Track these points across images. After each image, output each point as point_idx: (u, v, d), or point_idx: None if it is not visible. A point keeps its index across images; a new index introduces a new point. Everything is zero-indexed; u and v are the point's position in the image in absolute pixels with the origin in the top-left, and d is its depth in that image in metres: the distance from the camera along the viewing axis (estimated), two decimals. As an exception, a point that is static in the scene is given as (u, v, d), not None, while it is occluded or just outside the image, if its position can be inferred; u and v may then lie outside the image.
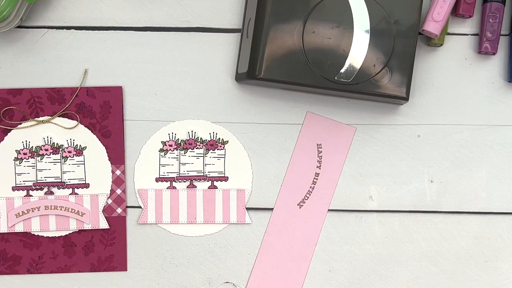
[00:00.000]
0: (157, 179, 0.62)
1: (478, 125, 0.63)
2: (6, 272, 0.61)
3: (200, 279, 0.63)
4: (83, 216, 0.61)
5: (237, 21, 0.62)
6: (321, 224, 0.62)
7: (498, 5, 0.61)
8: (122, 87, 0.61)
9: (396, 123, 0.63)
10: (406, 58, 0.58)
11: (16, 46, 0.61)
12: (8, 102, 0.61)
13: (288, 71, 0.57)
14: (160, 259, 0.62)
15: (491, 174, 0.63)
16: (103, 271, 0.62)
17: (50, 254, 0.62)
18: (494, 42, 0.61)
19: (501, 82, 0.63)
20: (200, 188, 0.62)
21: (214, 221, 0.62)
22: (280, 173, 0.62)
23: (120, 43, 0.61)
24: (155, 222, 0.62)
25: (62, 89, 0.61)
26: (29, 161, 0.61)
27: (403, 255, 0.63)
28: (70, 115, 0.61)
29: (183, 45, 0.62)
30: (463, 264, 0.63)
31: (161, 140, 0.62)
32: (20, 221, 0.61)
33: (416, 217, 0.63)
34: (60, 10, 0.61)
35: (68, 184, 0.61)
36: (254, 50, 0.57)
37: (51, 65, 0.61)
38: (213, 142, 0.62)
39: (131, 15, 0.62)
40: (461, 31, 0.63)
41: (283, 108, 0.62)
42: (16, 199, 0.61)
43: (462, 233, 0.63)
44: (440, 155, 0.63)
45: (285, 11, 0.57)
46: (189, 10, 0.62)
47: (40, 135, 0.61)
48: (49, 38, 0.61)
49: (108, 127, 0.61)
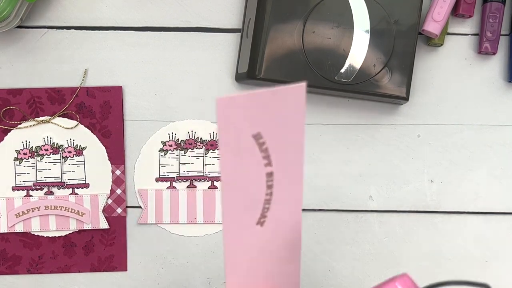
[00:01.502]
0: (157, 179, 0.62)
1: (478, 125, 0.63)
2: (6, 272, 0.61)
3: (200, 279, 0.63)
4: (83, 216, 0.61)
5: (237, 21, 0.62)
6: (299, 232, 0.44)
7: (498, 5, 0.61)
8: (122, 87, 0.61)
9: (396, 123, 0.63)
10: (406, 58, 0.58)
11: (16, 46, 0.61)
12: (8, 102, 0.61)
13: (288, 71, 0.57)
14: (160, 259, 0.62)
15: (491, 174, 0.63)
16: (103, 271, 0.62)
17: (50, 254, 0.62)
18: (494, 42, 0.61)
19: (501, 82, 0.63)
20: (200, 188, 0.62)
21: (214, 221, 0.62)
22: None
23: (120, 43, 0.61)
24: (155, 222, 0.62)
25: (62, 89, 0.61)
26: (29, 161, 0.61)
27: (403, 255, 0.63)
28: (70, 115, 0.61)
29: (183, 45, 0.62)
30: (463, 264, 0.63)
31: (161, 140, 0.62)
32: (20, 221, 0.61)
33: (416, 217, 0.63)
34: (60, 10, 0.61)
35: (68, 184, 0.61)
36: (254, 50, 0.57)
37: (51, 65, 0.61)
38: (213, 142, 0.62)
39: (131, 15, 0.62)
40: (461, 31, 0.63)
41: (283, 108, 0.62)
42: (16, 199, 0.61)
43: (462, 233, 0.63)
44: (440, 155, 0.63)
45: (285, 11, 0.57)
46: (189, 10, 0.62)
47: (40, 135, 0.61)
48: (49, 38, 0.61)
49: (108, 127, 0.61)
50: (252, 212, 0.41)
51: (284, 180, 0.40)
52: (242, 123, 0.38)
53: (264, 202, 0.41)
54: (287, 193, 0.42)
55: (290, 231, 0.43)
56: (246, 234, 0.42)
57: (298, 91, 0.38)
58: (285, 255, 0.44)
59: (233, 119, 0.38)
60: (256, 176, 0.40)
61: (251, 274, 0.44)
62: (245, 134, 0.38)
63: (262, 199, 0.40)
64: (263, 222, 0.41)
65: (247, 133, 0.38)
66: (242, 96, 0.37)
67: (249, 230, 0.41)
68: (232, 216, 0.40)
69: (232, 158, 0.38)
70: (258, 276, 0.44)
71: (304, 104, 0.39)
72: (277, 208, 0.41)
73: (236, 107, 0.37)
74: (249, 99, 0.37)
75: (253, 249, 0.42)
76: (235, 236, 0.41)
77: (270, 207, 0.41)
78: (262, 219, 0.41)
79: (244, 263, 0.43)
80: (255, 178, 0.40)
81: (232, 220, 0.40)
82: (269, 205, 0.41)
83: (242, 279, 0.44)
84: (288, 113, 0.39)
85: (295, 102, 0.39)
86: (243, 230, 0.41)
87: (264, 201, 0.41)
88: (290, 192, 0.42)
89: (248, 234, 0.42)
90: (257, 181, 0.40)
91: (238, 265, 0.43)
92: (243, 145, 0.38)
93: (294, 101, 0.39)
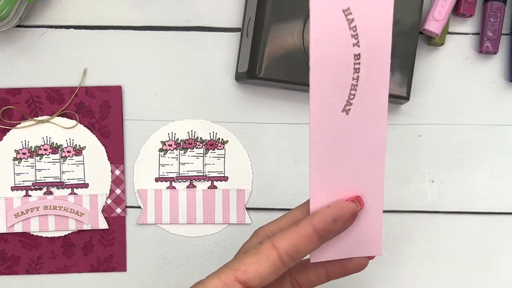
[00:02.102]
0: (156, 179, 0.62)
1: (479, 124, 0.63)
2: (5, 272, 0.61)
3: (200, 279, 0.63)
4: (82, 216, 0.61)
5: (237, 20, 0.62)
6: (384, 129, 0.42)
7: (499, 4, 0.61)
8: (121, 86, 0.61)
9: (397, 123, 0.63)
10: (407, 57, 0.58)
11: (15, 45, 0.61)
12: (7, 101, 0.60)
13: (289, 70, 0.57)
14: (159, 259, 0.62)
15: (492, 174, 0.63)
16: (102, 271, 0.62)
17: (49, 254, 0.61)
18: (495, 41, 0.61)
19: (502, 81, 0.63)
20: (200, 188, 0.62)
21: (214, 221, 0.62)
22: (280, 173, 0.62)
23: (120, 42, 0.61)
24: (154, 222, 0.62)
25: (61, 89, 0.61)
26: (28, 161, 0.61)
27: (404, 255, 0.63)
28: (69, 114, 0.61)
29: (182, 45, 0.62)
30: (464, 264, 0.63)
31: (161, 140, 0.62)
32: (19, 221, 0.61)
33: (417, 217, 0.63)
34: (59, 9, 0.61)
35: (67, 184, 0.61)
36: (254, 50, 0.57)
37: (50, 64, 0.61)
38: (213, 142, 0.62)
39: (130, 14, 0.61)
40: (462, 30, 0.63)
41: (283, 108, 0.62)
42: (15, 199, 0.61)
43: (463, 233, 0.63)
44: (441, 155, 0.63)
45: (285, 10, 0.56)
46: (189, 9, 0.62)
47: (39, 135, 0.61)
48: (48, 38, 0.61)
49: (108, 126, 0.61)
50: (339, 96, 0.40)
51: (371, 64, 0.40)
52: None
53: (351, 87, 0.40)
54: (373, 80, 0.41)
55: (375, 125, 0.42)
56: (331, 122, 0.41)
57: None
58: (369, 152, 0.43)
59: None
60: (344, 55, 0.40)
61: (336, 171, 0.43)
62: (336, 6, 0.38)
63: (349, 83, 0.40)
64: (348, 110, 0.41)
65: (338, 6, 0.38)
66: None
67: (335, 117, 0.41)
68: (319, 99, 0.40)
69: (321, 31, 0.39)
70: (342, 173, 0.43)
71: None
72: (363, 96, 0.41)
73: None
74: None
75: (338, 140, 0.42)
76: (321, 122, 0.41)
77: (356, 93, 0.40)
78: (348, 106, 0.41)
79: (329, 157, 0.42)
80: (343, 57, 0.40)
81: (319, 103, 0.40)
82: (355, 91, 0.40)
83: (326, 175, 0.43)
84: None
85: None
86: (329, 116, 0.41)
87: (350, 86, 0.40)
88: (376, 80, 0.41)
89: (333, 121, 0.41)
90: (345, 61, 0.40)
91: (323, 158, 0.42)
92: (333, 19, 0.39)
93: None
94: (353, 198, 0.44)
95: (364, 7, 0.39)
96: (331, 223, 0.42)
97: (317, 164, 0.42)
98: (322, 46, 0.39)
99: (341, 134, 0.42)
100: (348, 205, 0.43)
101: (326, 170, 0.43)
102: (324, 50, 0.39)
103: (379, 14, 0.39)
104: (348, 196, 0.44)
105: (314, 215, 0.43)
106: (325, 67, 0.39)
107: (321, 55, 0.39)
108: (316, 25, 0.38)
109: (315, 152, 0.42)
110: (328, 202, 0.44)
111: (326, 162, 0.43)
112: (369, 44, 0.40)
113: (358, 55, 0.40)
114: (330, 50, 0.39)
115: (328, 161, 0.43)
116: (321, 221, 0.42)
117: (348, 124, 0.41)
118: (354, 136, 0.42)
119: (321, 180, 0.43)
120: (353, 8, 0.38)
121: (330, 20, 0.38)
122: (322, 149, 0.42)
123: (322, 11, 0.38)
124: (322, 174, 0.43)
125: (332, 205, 0.43)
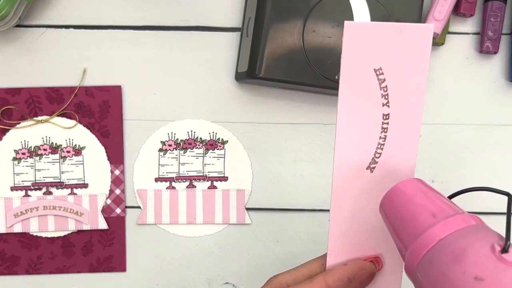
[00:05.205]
0: (156, 179, 0.62)
1: (479, 124, 0.63)
2: (4, 272, 0.61)
3: (200, 279, 0.62)
4: (82, 216, 0.61)
5: (237, 20, 0.62)
6: None
7: (500, 4, 0.61)
8: (121, 86, 0.61)
9: (397, 123, 0.63)
10: (407, 57, 0.58)
11: (15, 45, 0.61)
12: (6, 101, 0.60)
13: (288, 70, 0.57)
14: (159, 259, 0.62)
15: (492, 174, 0.63)
16: (102, 271, 0.62)
17: (49, 254, 0.61)
18: (495, 41, 0.61)
19: (503, 81, 0.63)
20: (199, 188, 0.62)
21: (214, 222, 0.62)
22: (280, 173, 0.62)
23: (119, 42, 0.61)
24: (154, 222, 0.62)
25: (61, 89, 0.61)
26: (28, 161, 0.61)
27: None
28: (69, 114, 0.61)
29: (182, 44, 0.61)
30: (464, 264, 0.63)
31: (161, 140, 0.62)
32: (18, 221, 0.61)
33: (417, 217, 0.63)
34: (59, 9, 0.61)
35: (67, 184, 0.61)
36: (254, 49, 0.57)
37: (49, 64, 0.61)
38: (213, 142, 0.62)
39: (130, 14, 0.61)
40: (462, 30, 0.63)
41: (283, 107, 0.62)
42: (14, 199, 0.60)
43: (463, 233, 0.63)
44: (441, 154, 0.63)
45: (285, 10, 0.56)
46: (189, 9, 0.62)
47: (39, 134, 0.61)
48: (48, 37, 0.61)
49: (107, 126, 0.61)
50: (364, 154, 0.40)
51: (400, 124, 0.40)
52: (366, 52, 0.38)
53: (377, 146, 0.40)
54: (402, 140, 0.40)
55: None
56: (355, 179, 0.40)
57: (426, 30, 0.38)
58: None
59: (359, 45, 0.38)
60: (372, 115, 0.39)
61: (355, 227, 0.42)
62: (368, 65, 0.38)
63: (376, 142, 0.40)
64: (373, 168, 0.40)
65: (370, 65, 0.38)
66: (369, 24, 0.39)
67: (358, 174, 0.40)
68: (344, 156, 0.40)
69: (351, 89, 0.39)
70: (362, 230, 0.42)
71: (430, 46, 0.38)
72: (390, 155, 0.40)
73: (363, 33, 0.38)
74: (376, 28, 0.38)
75: (359, 197, 0.41)
76: (344, 178, 0.40)
77: (382, 152, 0.40)
78: (373, 164, 0.40)
79: (349, 213, 0.41)
80: (371, 116, 0.39)
81: (344, 160, 0.40)
82: (382, 150, 0.40)
83: (346, 231, 0.42)
84: (412, 52, 0.38)
85: (421, 41, 0.38)
86: (353, 173, 0.40)
87: (377, 145, 0.40)
88: (404, 140, 0.40)
89: (357, 178, 0.40)
90: (373, 120, 0.39)
91: (343, 213, 0.41)
92: (364, 77, 0.38)
93: (420, 41, 0.38)
94: (372, 258, 0.42)
95: (397, 69, 0.38)
96: (347, 283, 0.40)
97: (336, 219, 0.41)
98: (350, 104, 0.39)
99: (363, 191, 0.41)
100: (366, 265, 0.41)
101: (345, 226, 0.42)
102: (352, 108, 0.39)
103: (412, 77, 0.39)
104: (366, 254, 0.42)
105: (330, 273, 0.40)
106: (352, 124, 0.39)
107: (349, 114, 0.39)
108: (346, 81, 0.39)
109: (335, 207, 0.41)
110: (346, 258, 0.42)
111: (346, 218, 0.41)
112: (400, 104, 0.39)
113: (387, 115, 0.39)
114: (358, 108, 0.39)
115: (349, 217, 0.41)
116: (336, 280, 0.40)
117: (371, 182, 0.40)
118: (377, 194, 0.40)
119: (340, 236, 0.42)
120: (385, 69, 0.38)
121: (361, 78, 0.38)
122: (343, 205, 0.41)
123: (353, 68, 0.38)
124: (342, 229, 0.42)
125: (350, 263, 0.41)
